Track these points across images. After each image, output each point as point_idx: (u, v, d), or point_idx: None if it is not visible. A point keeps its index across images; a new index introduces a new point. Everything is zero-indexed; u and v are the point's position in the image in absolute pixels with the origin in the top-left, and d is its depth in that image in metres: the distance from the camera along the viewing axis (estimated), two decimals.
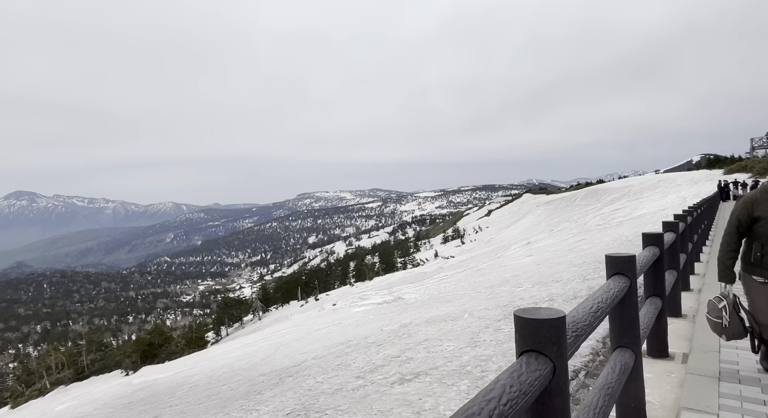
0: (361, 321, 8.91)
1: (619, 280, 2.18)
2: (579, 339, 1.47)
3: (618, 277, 2.24)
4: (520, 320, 1.29)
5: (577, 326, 1.50)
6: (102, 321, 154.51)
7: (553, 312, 1.29)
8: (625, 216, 23.97)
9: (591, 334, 1.65)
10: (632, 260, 2.31)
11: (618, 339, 2.39)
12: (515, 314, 1.30)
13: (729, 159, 52.40)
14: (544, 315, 1.26)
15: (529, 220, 62.29)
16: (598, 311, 1.70)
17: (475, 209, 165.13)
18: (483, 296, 8.68)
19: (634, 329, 2.36)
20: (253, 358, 7.86)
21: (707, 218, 11.71)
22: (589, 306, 1.69)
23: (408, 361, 5.59)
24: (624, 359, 2.19)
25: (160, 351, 25.47)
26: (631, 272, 2.29)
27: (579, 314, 1.58)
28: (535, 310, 1.33)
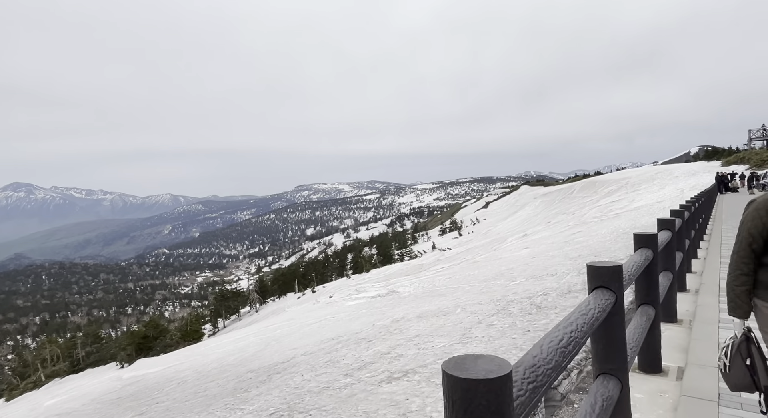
0: (353, 316, 8.81)
1: (601, 296, 1.79)
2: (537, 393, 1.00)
3: (601, 291, 1.85)
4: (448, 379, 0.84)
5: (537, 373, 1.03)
6: (101, 313, 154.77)
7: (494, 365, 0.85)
8: (623, 208, 23.88)
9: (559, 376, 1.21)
10: (618, 271, 1.91)
11: (601, 365, 1.97)
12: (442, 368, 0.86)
13: (727, 151, 52.31)
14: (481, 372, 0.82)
15: (526, 212, 62.25)
16: (569, 343, 1.24)
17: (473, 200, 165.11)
18: (476, 290, 8.58)
19: (620, 354, 1.95)
20: (243, 353, 7.77)
21: (705, 212, 11.62)
22: (558, 338, 1.23)
23: (398, 358, 5.49)
24: (607, 391, 1.79)
25: (155, 344, 25.44)
26: (616, 285, 1.90)
27: (542, 353, 1.12)
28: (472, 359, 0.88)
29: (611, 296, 1.83)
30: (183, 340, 25.57)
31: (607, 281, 1.90)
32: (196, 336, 27.43)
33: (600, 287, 1.90)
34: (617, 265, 1.94)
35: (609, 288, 1.89)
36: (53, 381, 22.56)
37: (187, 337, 26.52)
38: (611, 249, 11.98)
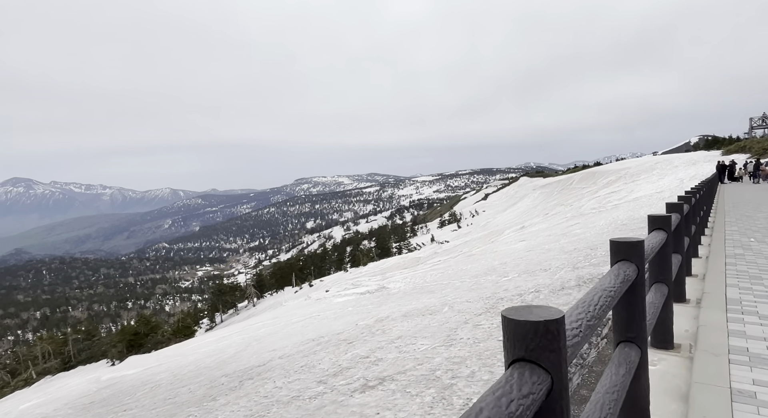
0: (339, 313, 8.49)
1: (625, 267, 1.93)
2: (580, 344, 1.17)
3: (624, 263, 1.99)
4: (509, 323, 0.99)
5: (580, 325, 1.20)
6: (101, 307, 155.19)
7: (549, 311, 1.01)
8: (621, 199, 23.51)
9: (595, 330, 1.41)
10: (640, 246, 2.05)
11: (622, 333, 2.11)
12: (502, 314, 1.00)
13: (727, 140, 51.76)
14: (539, 316, 0.98)
15: (525, 203, 61.89)
16: (602, 305, 1.41)
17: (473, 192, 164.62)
18: (466, 287, 8.24)
19: (640, 322, 2.08)
20: (222, 354, 7.45)
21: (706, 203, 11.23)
22: (592, 300, 1.39)
23: (376, 362, 5.15)
24: (629, 357, 1.94)
25: (146, 340, 25.17)
26: (639, 259, 2.03)
27: (580, 310, 1.29)
28: (526, 309, 1.03)
29: (634, 269, 1.97)
30: (175, 336, 25.32)
31: (630, 255, 2.03)
32: (188, 333, 27.18)
33: (623, 260, 2.03)
34: (640, 239, 2.07)
35: (631, 261, 2.02)
36: (44, 379, 22.35)
37: (179, 333, 26.26)
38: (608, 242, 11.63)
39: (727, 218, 10.38)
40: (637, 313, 2.08)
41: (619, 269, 1.87)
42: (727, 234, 8.20)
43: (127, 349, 24.13)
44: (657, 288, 3.09)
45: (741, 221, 9.87)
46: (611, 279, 1.69)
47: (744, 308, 4.03)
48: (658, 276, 3.21)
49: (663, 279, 3.19)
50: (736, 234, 8.13)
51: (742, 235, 8.01)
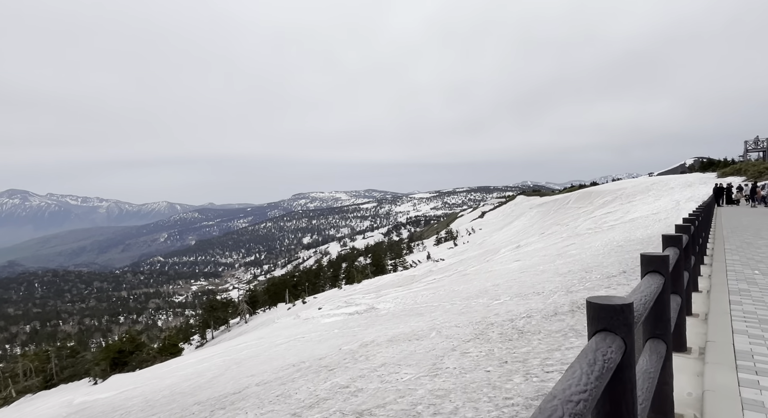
0: (324, 336, 8.17)
1: (655, 277, 2.42)
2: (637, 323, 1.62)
3: (653, 275, 2.48)
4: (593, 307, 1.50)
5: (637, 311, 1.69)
6: (93, 321, 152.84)
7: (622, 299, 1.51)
8: (617, 220, 23.36)
9: None
10: (666, 260, 2.55)
11: (651, 331, 2.61)
12: (588, 300, 1.51)
13: (722, 162, 52.03)
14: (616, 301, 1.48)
15: (521, 222, 61.73)
16: (646, 302, 1.94)
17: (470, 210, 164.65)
18: (456, 310, 7.96)
19: (666, 322, 2.60)
20: (200, 378, 7.11)
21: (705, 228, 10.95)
22: (640, 297, 1.92)
23: (356, 393, 4.85)
24: (658, 348, 2.45)
25: (131, 359, 24.45)
26: (665, 270, 2.54)
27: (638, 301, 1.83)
28: (606, 297, 1.53)
29: (661, 278, 2.45)
30: (161, 354, 24.65)
31: (658, 266, 2.55)
32: (175, 351, 26.51)
33: (652, 271, 2.54)
34: (665, 254, 2.60)
35: (659, 272, 2.52)
36: (24, 397, 21.61)
37: (165, 352, 25.60)
38: (603, 264, 11.38)
39: (726, 245, 10.00)
40: (664, 314, 2.60)
41: (651, 279, 2.37)
42: (728, 264, 7.70)
43: (111, 367, 23.44)
44: (673, 298, 3.28)
45: (742, 248, 9.48)
46: (648, 285, 2.20)
47: (758, 366, 3.25)
48: (674, 288, 3.42)
49: (677, 291, 3.43)
50: (738, 264, 7.67)
51: (745, 265, 7.52)
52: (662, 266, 2.54)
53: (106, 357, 24.55)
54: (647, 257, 2.64)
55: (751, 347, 3.66)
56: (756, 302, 5.19)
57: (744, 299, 5.33)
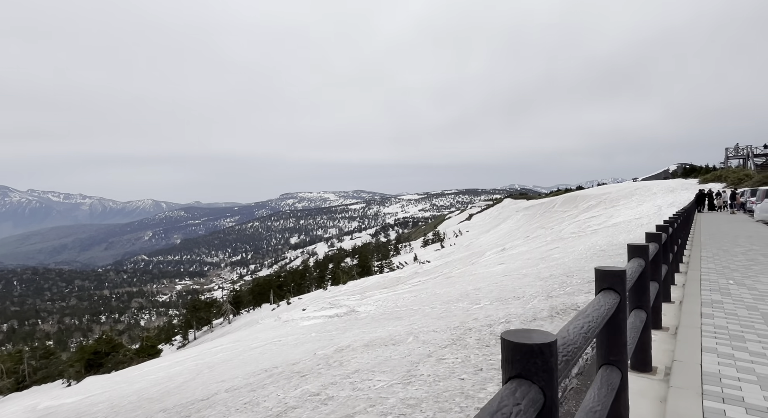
0: (300, 340, 7.99)
1: (609, 296, 2.10)
2: (569, 364, 1.36)
3: (608, 292, 2.16)
4: (507, 344, 1.18)
5: (567, 349, 1.37)
6: (73, 321, 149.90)
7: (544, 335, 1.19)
8: (600, 224, 23.54)
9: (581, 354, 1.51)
10: (622, 275, 2.21)
11: (605, 356, 2.30)
12: (502, 337, 1.18)
13: (704, 169, 52.98)
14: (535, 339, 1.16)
15: (508, 225, 62.10)
16: (588, 331, 1.58)
17: (457, 212, 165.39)
18: (436, 314, 7.85)
19: (621, 347, 2.28)
20: (170, 383, 6.89)
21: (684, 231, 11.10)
22: (580, 326, 1.57)
23: (326, 401, 4.70)
24: (611, 379, 2.13)
25: (106, 360, 23.86)
26: (621, 287, 2.20)
27: (569, 335, 1.46)
28: (525, 332, 1.21)
29: (616, 297, 2.13)
30: (138, 356, 24.12)
31: (613, 283, 2.19)
32: (152, 352, 25.96)
33: (607, 288, 2.20)
34: (622, 269, 2.22)
35: (614, 290, 2.18)
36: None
37: (142, 353, 25.07)
38: (585, 268, 11.38)
39: (703, 252, 9.90)
40: (619, 338, 2.25)
41: (603, 299, 2.01)
42: (703, 273, 7.56)
43: (85, 369, 22.84)
44: (636, 314, 3.24)
45: (718, 256, 9.39)
46: (596, 308, 1.83)
47: (725, 392, 2.96)
48: (637, 303, 3.36)
49: (642, 306, 3.34)
50: (713, 273, 7.53)
51: (720, 274, 7.40)
52: (618, 283, 2.19)
53: (81, 358, 23.93)
54: (601, 272, 2.24)
55: (719, 368, 3.39)
56: (728, 316, 4.97)
57: (716, 312, 5.11)
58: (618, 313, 2.20)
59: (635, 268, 2.95)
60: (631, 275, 2.67)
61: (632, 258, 3.33)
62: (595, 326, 1.63)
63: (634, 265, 3.01)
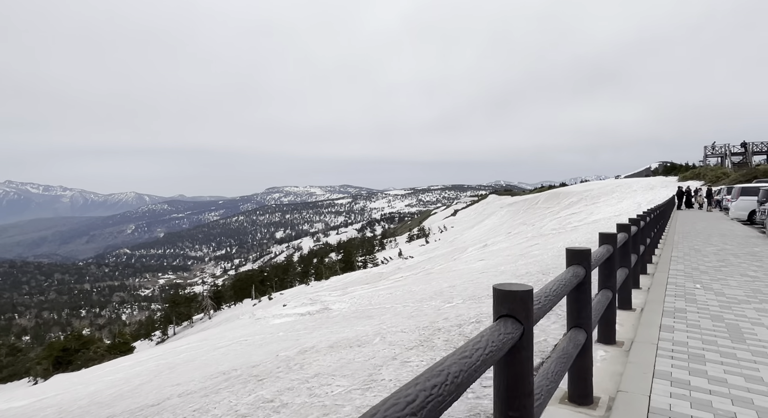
0: (267, 339, 7.73)
1: (576, 269, 2.60)
2: (542, 310, 1.86)
3: (576, 266, 2.64)
4: (498, 292, 1.65)
5: (541, 298, 1.89)
6: (51, 315, 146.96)
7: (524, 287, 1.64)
8: (581, 221, 23.66)
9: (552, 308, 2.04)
10: (588, 253, 2.71)
11: (574, 320, 2.79)
12: (494, 287, 1.65)
13: (684, 167, 53.81)
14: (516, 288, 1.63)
15: (492, 221, 62.41)
16: (558, 289, 2.15)
17: (443, 208, 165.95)
18: (407, 313, 7.66)
19: (587, 312, 2.77)
20: (126, 385, 6.58)
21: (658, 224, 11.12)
22: (552, 286, 2.13)
23: (278, 409, 4.45)
24: (577, 337, 2.61)
25: (76, 357, 23.21)
26: (586, 263, 2.69)
27: (543, 291, 2.01)
28: (509, 285, 1.68)
29: (583, 270, 2.65)
30: (109, 353, 23.51)
31: (580, 260, 2.68)
32: (125, 349, 25.37)
33: (575, 264, 2.68)
34: (587, 249, 2.70)
35: (581, 265, 2.67)
36: None
37: (114, 350, 24.46)
38: (562, 266, 11.30)
39: (674, 252, 9.64)
40: (585, 304, 2.76)
41: (572, 270, 2.56)
42: (671, 275, 7.26)
43: (54, 366, 22.17)
44: (604, 293, 3.74)
45: (689, 256, 9.15)
46: (565, 275, 2.42)
47: None
48: (605, 283, 3.87)
49: (609, 286, 3.83)
50: (680, 275, 7.23)
51: (688, 277, 7.11)
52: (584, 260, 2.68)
53: (49, 356, 23.16)
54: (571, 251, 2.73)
55: (670, 403, 2.84)
56: (690, 329, 4.50)
57: (678, 323, 4.66)
58: (584, 283, 2.70)
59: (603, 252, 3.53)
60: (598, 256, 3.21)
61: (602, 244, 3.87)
62: (562, 287, 2.20)
63: (602, 249, 3.60)
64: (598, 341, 4.12)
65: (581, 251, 2.70)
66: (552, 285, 2.12)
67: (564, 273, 2.43)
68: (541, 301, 1.85)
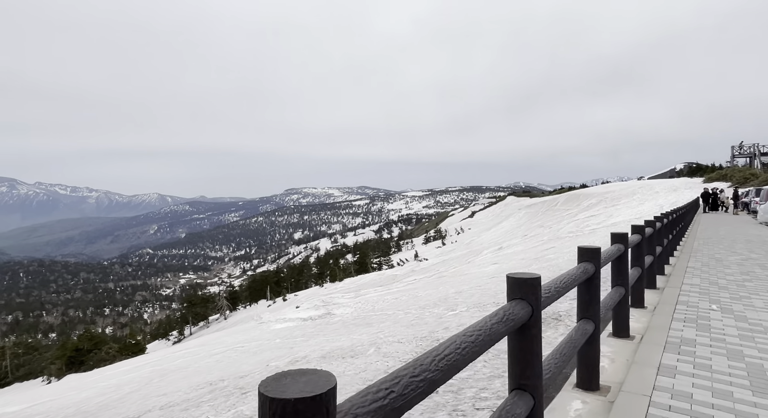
0: (262, 347, 7.51)
1: (587, 265, 2.88)
2: (551, 298, 2.13)
3: (586, 263, 2.92)
4: (511, 280, 1.95)
5: (551, 288, 2.19)
6: (77, 313, 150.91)
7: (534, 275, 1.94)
8: (599, 223, 22.90)
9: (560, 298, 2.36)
10: (598, 251, 2.99)
11: (583, 312, 3.06)
12: (507, 275, 1.97)
13: (710, 167, 51.96)
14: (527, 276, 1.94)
15: (509, 223, 61.42)
16: (567, 281, 2.45)
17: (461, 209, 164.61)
18: (407, 321, 7.34)
19: (595, 305, 3.04)
20: (116, 393, 6.43)
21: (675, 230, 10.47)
22: (562, 278, 2.43)
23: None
24: (586, 327, 2.93)
25: (88, 357, 23.56)
26: (596, 260, 2.97)
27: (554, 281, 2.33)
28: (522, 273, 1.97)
29: (593, 267, 2.94)
30: (120, 354, 23.77)
31: (590, 257, 2.98)
32: (136, 350, 25.62)
33: (586, 260, 2.97)
34: (597, 247, 3.01)
35: (591, 262, 2.96)
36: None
37: (125, 351, 24.72)
38: None
39: (691, 262, 8.53)
40: (594, 298, 3.01)
41: (582, 266, 2.80)
42: (682, 290, 6.16)
43: (67, 366, 22.54)
44: (617, 290, 4.09)
45: (708, 267, 8.01)
46: (575, 270, 2.68)
47: None
48: (618, 281, 4.18)
49: (621, 283, 4.16)
50: (695, 292, 6.12)
51: (703, 294, 5.99)
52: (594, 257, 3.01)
53: (62, 356, 23.58)
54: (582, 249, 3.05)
55: None
56: (697, 372, 3.30)
57: (682, 364, 3.47)
58: (593, 278, 2.96)
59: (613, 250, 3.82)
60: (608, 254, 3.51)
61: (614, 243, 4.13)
62: (572, 280, 2.48)
63: (613, 248, 3.89)
64: None
65: (591, 249, 3.05)
66: (562, 278, 2.47)
67: (574, 268, 2.76)
68: (551, 290, 2.20)
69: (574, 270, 2.70)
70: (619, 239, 4.32)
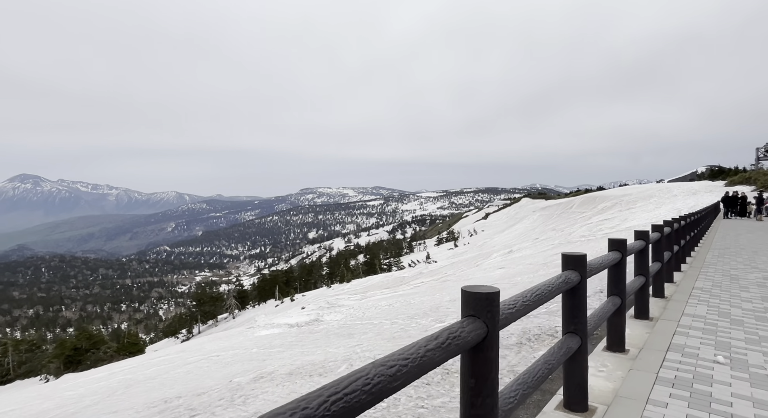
0: (238, 357, 7.05)
1: (569, 274, 2.56)
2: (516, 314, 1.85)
3: (569, 271, 2.60)
4: (466, 294, 1.67)
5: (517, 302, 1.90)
6: (95, 308, 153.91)
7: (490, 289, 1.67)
8: (613, 228, 21.99)
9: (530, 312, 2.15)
10: (583, 259, 2.64)
11: (567, 326, 2.75)
12: (462, 289, 1.67)
13: (732, 170, 50.06)
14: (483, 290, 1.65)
15: (523, 225, 60.26)
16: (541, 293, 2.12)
17: (475, 211, 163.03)
18: (390, 333, 6.80)
19: (581, 318, 2.71)
20: (74, 406, 6.04)
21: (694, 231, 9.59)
22: (533, 290, 2.09)
23: None
24: (569, 344, 2.57)
25: (86, 357, 23.57)
26: (581, 268, 2.63)
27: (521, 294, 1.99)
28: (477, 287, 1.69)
29: (577, 276, 2.60)
30: (118, 354, 23.72)
31: (575, 265, 2.65)
32: (134, 350, 25.55)
33: (569, 269, 2.66)
34: (582, 254, 2.66)
35: (575, 270, 2.64)
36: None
37: (123, 351, 24.67)
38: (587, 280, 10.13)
39: (699, 281, 6.82)
40: (579, 310, 2.73)
41: (564, 275, 2.53)
42: (681, 324, 4.54)
43: (65, 365, 22.58)
44: (611, 300, 3.63)
45: (720, 288, 6.38)
46: (555, 280, 2.38)
47: None
48: (614, 290, 3.74)
49: (617, 293, 3.72)
50: (698, 329, 4.45)
51: (709, 332, 4.32)
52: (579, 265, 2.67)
53: (60, 354, 23.67)
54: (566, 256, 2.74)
55: None
56: None
57: None
58: (578, 288, 2.63)
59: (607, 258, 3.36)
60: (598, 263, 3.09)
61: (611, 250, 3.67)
62: (547, 293, 2.19)
63: (608, 255, 3.44)
64: None
65: (576, 256, 2.71)
66: (536, 289, 2.16)
67: (554, 278, 2.43)
68: (516, 306, 1.91)
69: (554, 280, 2.40)
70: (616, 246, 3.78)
